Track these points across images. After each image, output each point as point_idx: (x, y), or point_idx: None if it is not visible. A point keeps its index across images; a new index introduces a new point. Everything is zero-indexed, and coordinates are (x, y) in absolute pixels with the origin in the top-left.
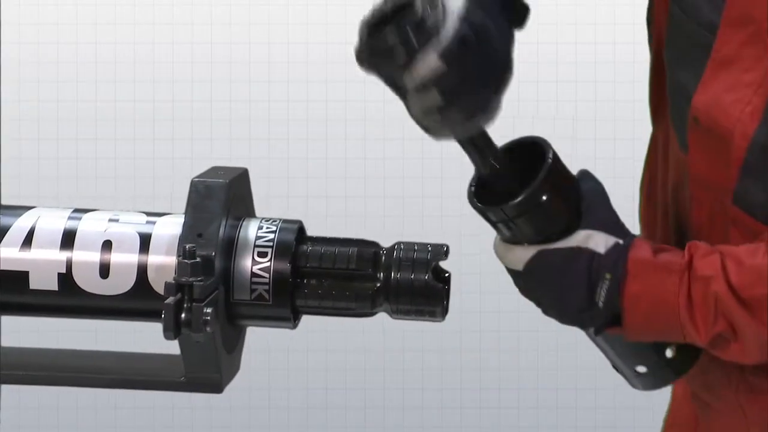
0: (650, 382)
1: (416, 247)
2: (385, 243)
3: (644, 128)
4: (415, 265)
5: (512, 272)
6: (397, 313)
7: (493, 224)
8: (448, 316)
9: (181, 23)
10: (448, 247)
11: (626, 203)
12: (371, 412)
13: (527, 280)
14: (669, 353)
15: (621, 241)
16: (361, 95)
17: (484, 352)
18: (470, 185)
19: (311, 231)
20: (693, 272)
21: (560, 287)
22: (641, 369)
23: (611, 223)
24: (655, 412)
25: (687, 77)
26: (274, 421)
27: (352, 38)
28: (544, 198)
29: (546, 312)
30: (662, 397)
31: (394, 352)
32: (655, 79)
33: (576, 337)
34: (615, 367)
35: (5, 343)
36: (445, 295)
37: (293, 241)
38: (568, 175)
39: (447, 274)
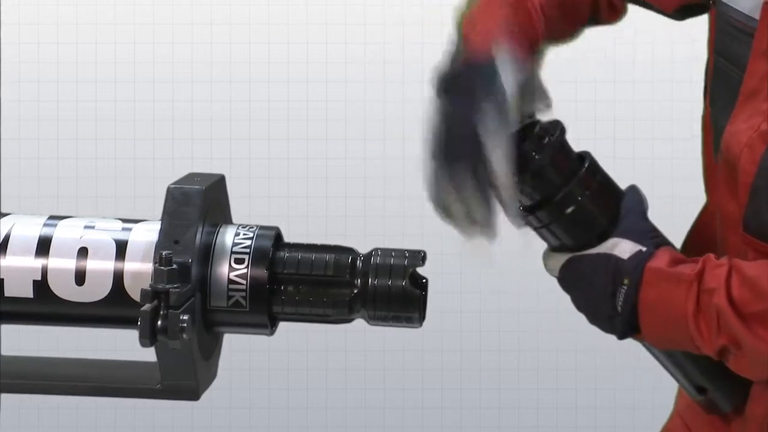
0: (718, 402)
1: (393, 254)
2: (387, 243)
3: (644, 128)
4: (392, 271)
5: (557, 279)
6: (374, 319)
7: (536, 230)
8: (448, 317)
9: (181, 23)
10: (425, 253)
11: None
12: (371, 412)
13: (563, 287)
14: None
15: (644, 249)
16: (361, 95)
17: (484, 352)
18: None
19: (311, 231)
20: (702, 284)
21: (588, 293)
22: (708, 386)
23: (641, 232)
24: (655, 413)
25: (724, 121)
26: (274, 421)
27: (352, 38)
28: (576, 205)
29: (589, 320)
30: (663, 397)
31: (394, 352)
32: (706, 152)
33: (575, 337)
34: (685, 389)
35: None
36: (422, 300)
37: (270, 248)
38: (607, 186)
39: (424, 280)
